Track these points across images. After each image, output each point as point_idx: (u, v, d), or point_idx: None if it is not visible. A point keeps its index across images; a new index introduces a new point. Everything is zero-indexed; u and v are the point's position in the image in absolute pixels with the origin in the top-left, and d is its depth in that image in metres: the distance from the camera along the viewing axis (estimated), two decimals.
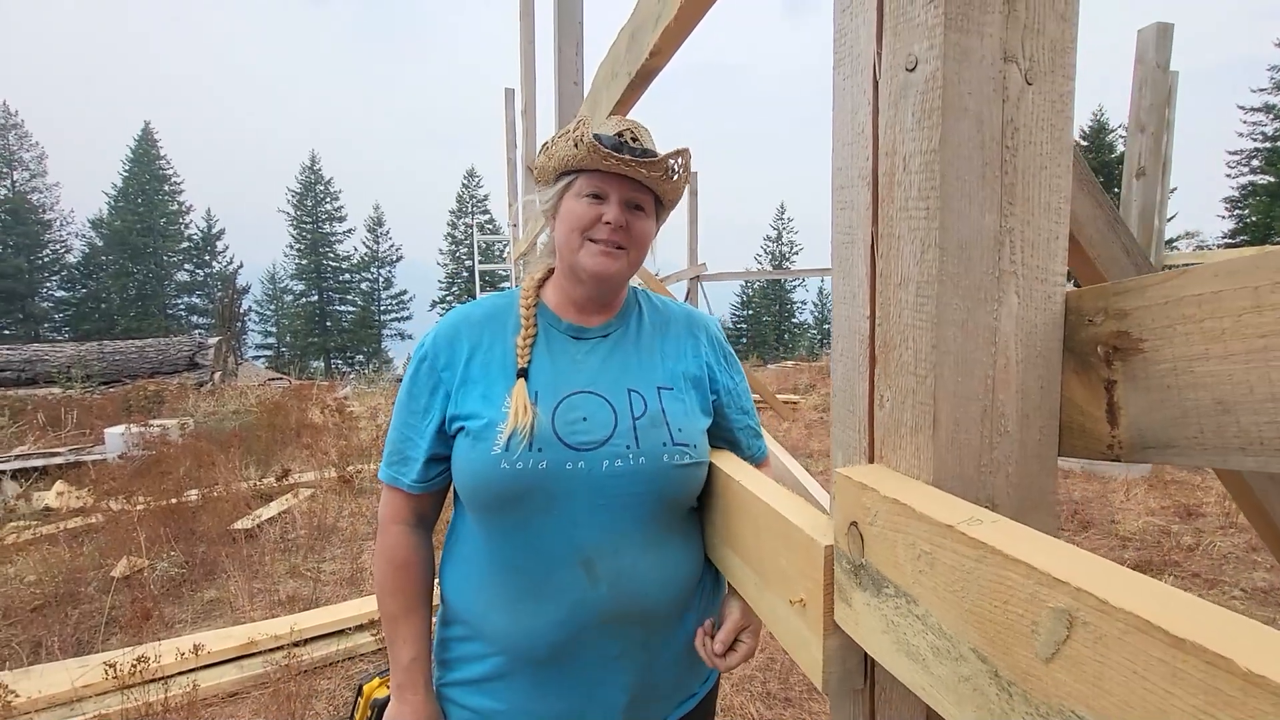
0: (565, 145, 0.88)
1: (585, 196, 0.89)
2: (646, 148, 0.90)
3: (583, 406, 0.87)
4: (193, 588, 3.55)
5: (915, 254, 0.56)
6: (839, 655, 0.65)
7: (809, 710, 2.40)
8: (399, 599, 0.93)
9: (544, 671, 0.87)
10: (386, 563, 0.94)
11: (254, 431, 6.53)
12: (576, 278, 0.93)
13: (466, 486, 0.87)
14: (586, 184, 0.89)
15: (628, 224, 0.89)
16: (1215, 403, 0.48)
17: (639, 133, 0.92)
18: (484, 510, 0.87)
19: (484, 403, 0.87)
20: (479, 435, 0.85)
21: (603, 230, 0.89)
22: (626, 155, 0.86)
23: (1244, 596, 3.10)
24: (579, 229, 0.89)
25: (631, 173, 0.87)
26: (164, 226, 39.62)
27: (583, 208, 0.89)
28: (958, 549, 0.46)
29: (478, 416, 0.86)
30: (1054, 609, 0.38)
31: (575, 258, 0.90)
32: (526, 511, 0.84)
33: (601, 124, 0.93)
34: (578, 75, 3.54)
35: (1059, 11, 0.56)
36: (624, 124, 0.92)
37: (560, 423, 0.85)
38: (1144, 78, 5.08)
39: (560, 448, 0.84)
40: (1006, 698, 0.42)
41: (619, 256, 0.90)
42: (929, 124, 0.53)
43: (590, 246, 0.89)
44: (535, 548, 0.86)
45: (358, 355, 42.41)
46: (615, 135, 0.89)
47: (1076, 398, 0.58)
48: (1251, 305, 0.45)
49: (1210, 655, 0.30)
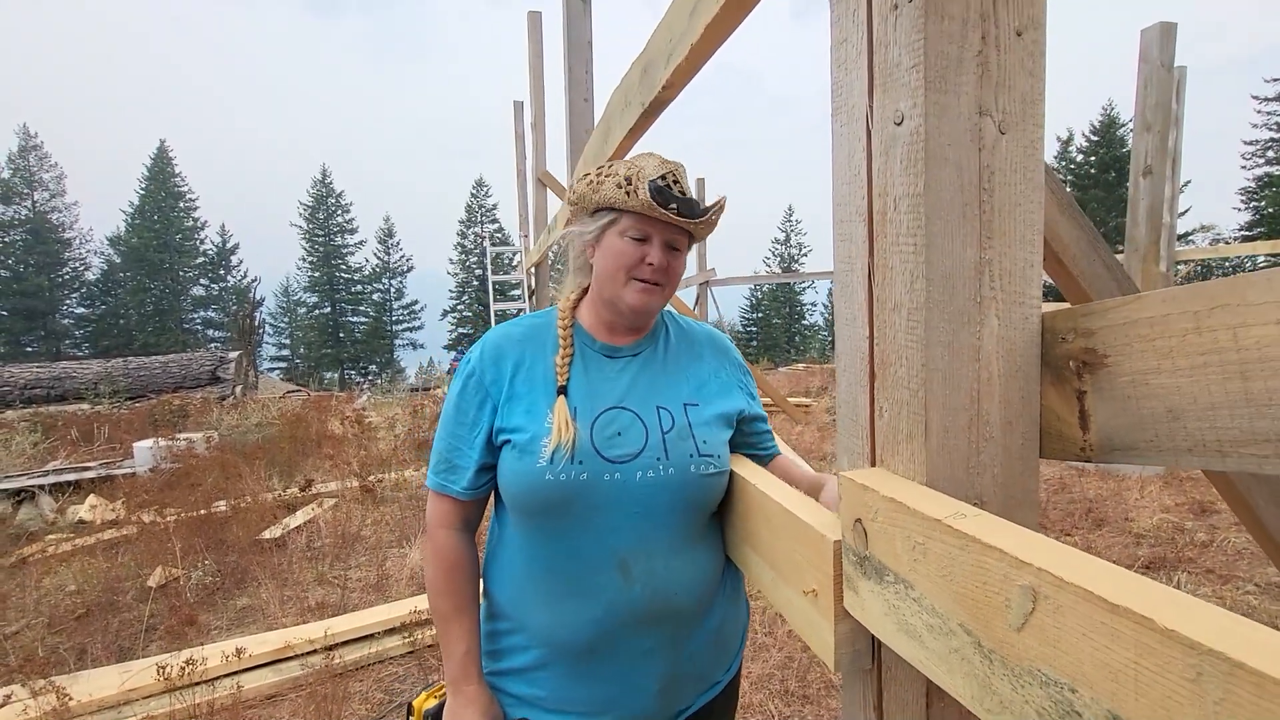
0: (612, 186, 0.95)
1: (629, 237, 0.97)
2: (689, 194, 0.98)
3: (617, 422, 0.95)
4: (225, 595, 3.67)
5: (906, 283, 0.64)
6: (849, 638, 0.72)
7: (827, 707, 2.47)
8: (451, 599, 1.00)
9: (582, 664, 0.95)
10: (437, 565, 1.00)
11: (277, 443, 6.68)
12: (616, 309, 1.01)
13: (514, 495, 0.95)
14: (632, 225, 0.97)
15: (667, 264, 0.98)
16: (1167, 411, 0.55)
17: (680, 175, 0.99)
18: (528, 516, 0.95)
19: (528, 417, 0.95)
20: (525, 448, 0.92)
21: (645, 270, 0.97)
22: (674, 206, 0.94)
23: (1258, 592, 3.12)
24: (624, 268, 0.97)
25: (682, 224, 0.96)
26: (180, 242, 40.34)
27: (629, 248, 0.97)
28: (945, 539, 0.53)
29: (523, 430, 0.94)
30: (1022, 586, 0.46)
31: (619, 292, 0.98)
32: (568, 518, 0.92)
33: (644, 162, 0.99)
34: (588, 92, 3.65)
35: (1028, 69, 0.64)
36: (667, 167, 0.98)
37: (598, 437, 0.93)
38: (1149, 76, 5.11)
39: (599, 460, 0.92)
40: (988, 664, 0.50)
41: (657, 293, 0.99)
42: (915, 171, 0.62)
43: (634, 284, 0.98)
44: (575, 551, 0.93)
45: (371, 366, 42.86)
46: (660, 179, 0.95)
47: (1054, 406, 0.66)
48: (1193, 327, 0.53)
49: (1138, 617, 0.38)
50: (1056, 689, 0.44)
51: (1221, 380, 0.51)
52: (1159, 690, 0.36)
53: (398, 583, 3.75)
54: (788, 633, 2.97)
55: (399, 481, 5.61)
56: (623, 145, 1.75)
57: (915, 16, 0.60)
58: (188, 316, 40.72)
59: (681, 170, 1.00)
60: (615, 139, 1.73)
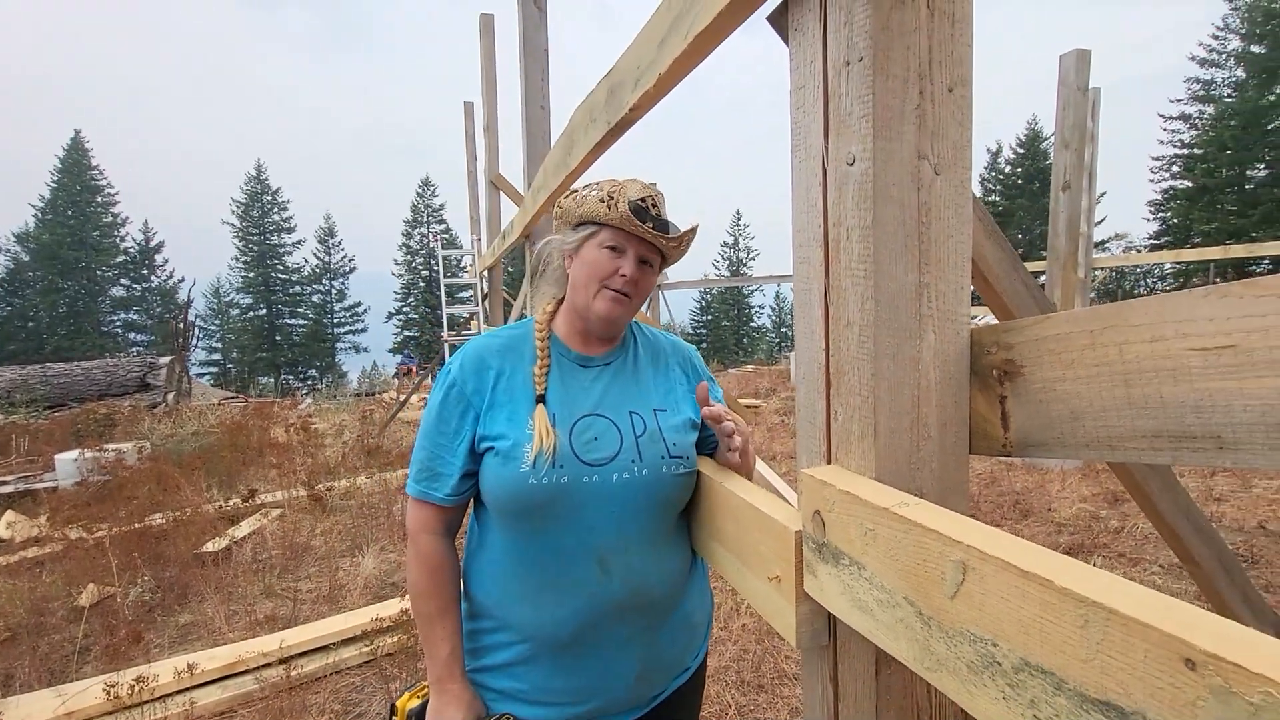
0: (595, 201, 1.03)
1: (606, 248, 1.04)
2: (665, 217, 1.06)
3: (593, 427, 1.02)
4: (166, 612, 3.52)
5: (858, 303, 0.73)
6: (809, 618, 0.81)
7: (780, 695, 2.59)
8: (435, 600, 1.03)
9: (564, 656, 1.00)
10: (421, 569, 1.03)
11: (216, 452, 6.40)
12: (586, 317, 1.08)
13: (498, 499, 0.99)
14: (610, 237, 1.04)
15: (638, 278, 1.05)
16: (1069, 413, 0.66)
17: (659, 201, 1.07)
18: (512, 519, 1.00)
19: (510, 425, 1.00)
20: (508, 455, 0.98)
21: (618, 281, 1.04)
22: (649, 224, 1.02)
23: (1162, 572, 3.44)
24: (598, 277, 1.04)
25: (654, 242, 1.04)
26: (97, 240, 37.76)
27: (604, 258, 1.04)
28: (892, 525, 0.63)
29: (505, 437, 0.99)
30: (954, 561, 0.55)
31: (590, 300, 1.05)
32: (550, 519, 0.98)
33: (627, 184, 1.07)
34: (544, 99, 3.68)
35: (958, 120, 0.74)
36: (648, 191, 1.06)
37: (577, 443, 1.00)
38: (1067, 99, 5.52)
39: (578, 464, 0.98)
40: (927, 629, 0.59)
41: (625, 303, 1.06)
42: (865, 206, 0.71)
43: (605, 293, 1.05)
44: (556, 549, 0.99)
45: (311, 370, 41.25)
46: (640, 200, 1.03)
47: (980, 409, 0.77)
48: (1089, 343, 0.64)
49: (1041, 580, 0.47)
50: (982, 645, 0.53)
51: (1111, 387, 0.62)
52: (1057, 637, 0.46)
53: (351, 592, 3.68)
54: (742, 626, 3.08)
55: (350, 489, 5.48)
56: (586, 159, 1.81)
57: (864, 73, 0.69)
58: (106, 319, 38.15)
59: (660, 197, 1.08)
60: (579, 153, 1.79)
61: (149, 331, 37.51)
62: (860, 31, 0.69)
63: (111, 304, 38.34)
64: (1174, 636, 0.39)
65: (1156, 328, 0.58)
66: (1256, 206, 24.49)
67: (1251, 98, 25.16)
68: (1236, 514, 4.19)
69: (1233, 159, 25.81)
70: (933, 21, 0.71)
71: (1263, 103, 24.85)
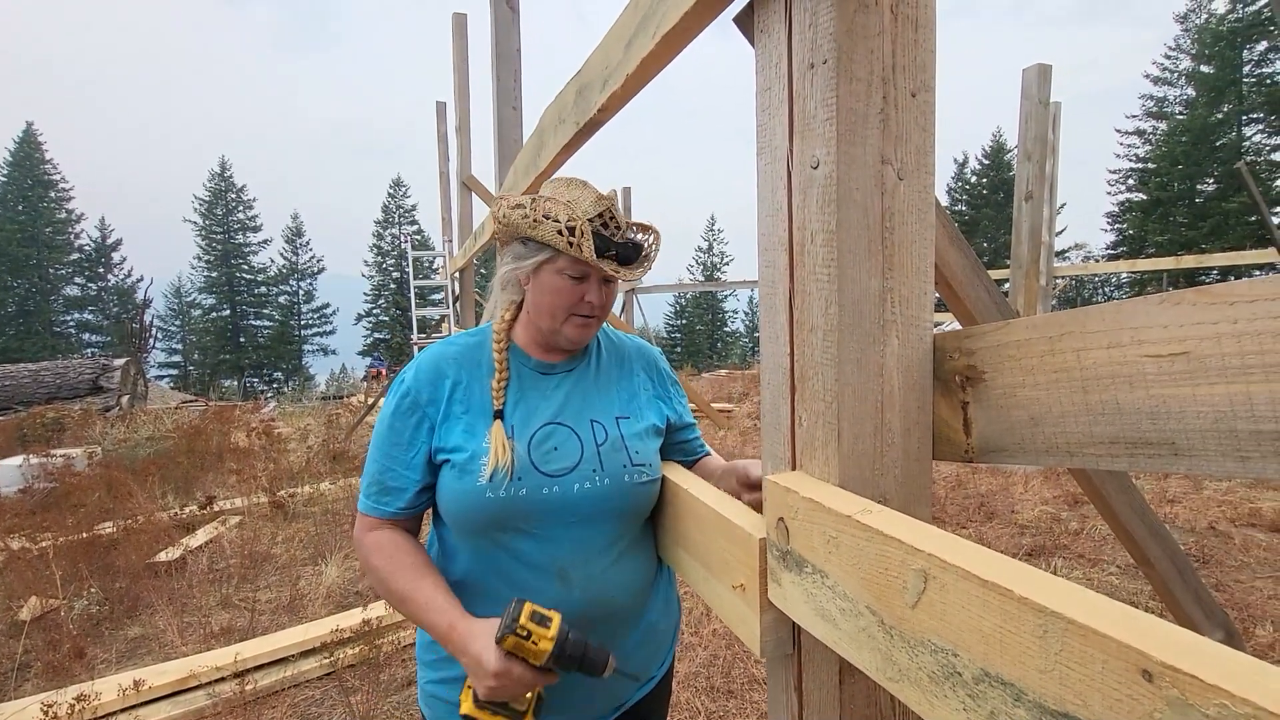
0: (552, 232, 0.94)
1: (567, 275, 0.98)
2: (626, 238, 1.00)
3: (553, 437, 0.99)
4: (114, 625, 3.37)
5: (822, 307, 0.72)
6: (773, 627, 0.80)
7: (750, 700, 2.58)
8: (404, 574, 0.93)
9: None
10: (375, 556, 0.96)
11: (172, 458, 6.18)
12: (554, 341, 1.04)
13: (454, 514, 0.96)
14: (570, 265, 0.98)
15: (604, 300, 1.02)
16: (1030, 418, 0.66)
17: (616, 212, 1.00)
18: (469, 532, 0.97)
19: (467, 437, 0.96)
20: (464, 468, 0.94)
21: (584, 308, 1.00)
22: (613, 253, 0.97)
23: (1119, 573, 3.54)
24: (564, 307, 0.99)
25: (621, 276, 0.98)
26: (50, 236, 36.33)
27: (567, 286, 0.98)
28: (854, 533, 0.62)
29: (461, 450, 0.95)
30: (915, 570, 0.54)
31: (559, 328, 1.01)
32: (508, 531, 0.95)
33: (579, 198, 0.99)
34: (516, 100, 3.65)
35: (920, 125, 0.74)
36: (603, 204, 0.98)
37: (535, 453, 0.97)
38: (1029, 112, 5.68)
39: (537, 475, 0.95)
40: (889, 638, 0.58)
41: (594, 324, 1.03)
42: (829, 210, 0.70)
43: (574, 320, 1.01)
44: (517, 560, 0.96)
45: (276, 373, 40.22)
46: (598, 216, 0.97)
47: (943, 415, 0.77)
48: (1048, 350, 0.64)
49: (1001, 589, 0.47)
50: (943, 655, 0.52)
51: (1069, 393, 0.62)
52: (1017, 647, 0.45)
53: (313, 602, 3.58)
54: (712, 632, 3.07)
55: (313, 495, 5.34)
56: (556, 160, 1.79)
57: (829, 76, 0.69)
58: (59, 319, 36.68)
59: (615, 205, 1.01)
60: (549, 154, 1.77)
61: (105, 332, 36.18)
62: (824, 34, 0.69)
63: (65, 303, 36.89)
64: (1131, 647, 0.38)
65: (1113, 334, 0.58)
66: (1206, 219, 25.59)
67: (1201, 115, 26.32)
68: (1188, 515, 4.34)
69: (1184, 173, 26.94)
70: (896, 26, 0.71)
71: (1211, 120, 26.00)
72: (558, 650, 0.84)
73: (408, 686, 2.74)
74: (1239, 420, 0.50)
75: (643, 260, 1.03)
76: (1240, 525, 4.13)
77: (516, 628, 0.83)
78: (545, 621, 0.85)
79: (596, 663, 0.87)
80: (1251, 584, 3.36)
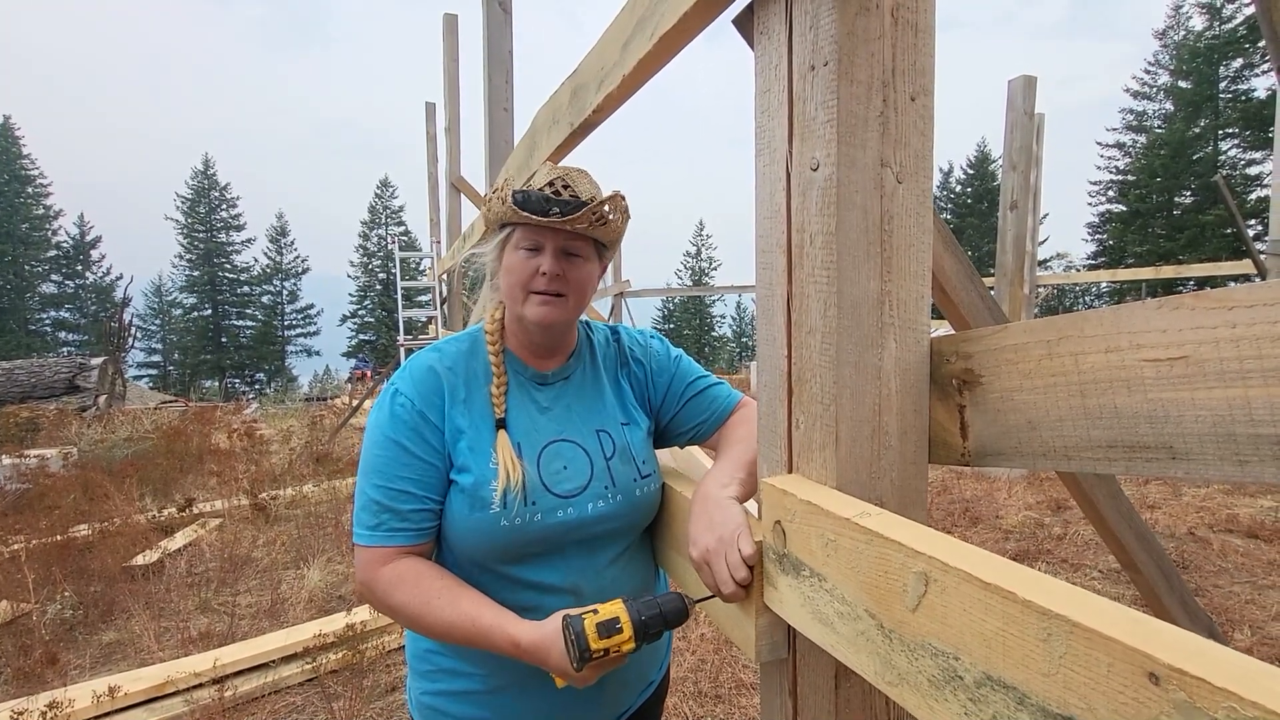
0: (498, 202, 0.92)
1: (522, 249, 0.93)
2: (578, 197, 0.91)
3: (562, 455, 0.95)
4: (89, 630, 3.29)
5: (820, 310, 0.72)
6: (768, 630, 0.79)
7: (737, 705, 2.57)
8: (438, 602, 0.85)
9: (533, 682, 0.93)
10: (398, 592, 0.87)
11: (151, 459, 6.06)
12: (524, 327, 0.98)
13: (467, 544, 0.90)
14: (523, 236, 0.93)
15: (564, 272, 0.93)
16: (1027, 422, 0.67)
17: (572, 179, 0.92)
18: (479, 561, 0.92)
19: (471, 454, 0.90)
20: (474, 494, 0.88)
21: (540, 281, 0.92)
22: (554, 210, 0.88)
23: (1101, 577, 3.58)
24: (520, 283, 0.93)
25: (560, 227, 0.90)
26: (26, 233, 35.64)
27: (521, 261, 0.93)
28: (853, 535, 0.61)
29: (467, 470, 0.89)
30: (916, 573, 0.54)
31: (521, 310, 0.94)
32: (524, 559, 0.92)
33: (534, 173, 0.96)
34: (507, 102, 3.64)
35: (919, 129, 0.74)
36: (555, 173, 0.93)
37: (546, 473, 0.92)
38: (1014, 122, 5.76)
39: (550, 497, 0.91)
40: (889, 643, 0.58)
41: (559, 304, 0.93)
42: (828, 212, 0.70)
43: (533, 298, 0.93)
44: (528, 583, 0.92)
45: (259, 374, 39.71)
46: (546, 186, 0.91)
47: (940, 418, 0.77)
48: (1046, 354, 0.64)
49: (1004, 592, 0.46)
50: (944, 658, 0.52)
51: (1067, 397, 0.63)
52: (1020, 650, 0.45)
53: (294, 606, 3.52)
54: (701, 636, 3.06)
55: (296, 498, 5.26)
56: (549, 161, 1.78)
57: (829, 78, 0.69)
58: (35, 317, 35.96)
59: (575, 174, 0.94)
60: (541, 155, 1.76)
61: (82, 331, 35.53)
62: (825, 36, 0.69)
63: (41, 301, 36.18)
64: (1137, 650, 0.38)
65: (1111, 339, 0.58)
66: (1183, 231, 26.15)
67: (1179, 129, 26.92)
68: (1168, 520, 4.40)
69: (1162, 185, 27.51)
70: (896, 30, 0.71)
71: (1189, 134, 26.58)
72: (640, 641, 0.80)
73: (392, 692, 2.70)
74: (1237, 424, 0.50)
75: (596, 211, 0.90)
76: (1218, 531, 4.20)
77: (592, 655, 0.77)
78: (615, 627, 0.78)
79: (680, 615, 0.82)
80: (1230, 589, 3.42)
